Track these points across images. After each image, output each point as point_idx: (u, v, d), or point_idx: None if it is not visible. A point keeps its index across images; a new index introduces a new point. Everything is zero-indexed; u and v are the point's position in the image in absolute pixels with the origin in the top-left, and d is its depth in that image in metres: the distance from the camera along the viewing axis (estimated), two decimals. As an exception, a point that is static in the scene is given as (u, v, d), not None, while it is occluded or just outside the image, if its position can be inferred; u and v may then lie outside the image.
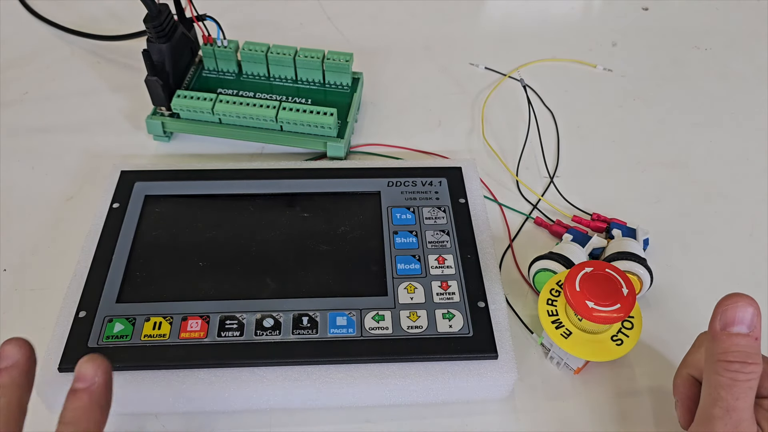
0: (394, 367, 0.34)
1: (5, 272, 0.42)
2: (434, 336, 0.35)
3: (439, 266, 0.39)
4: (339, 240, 0.40)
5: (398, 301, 0.37)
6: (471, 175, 0.44)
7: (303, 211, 0.42)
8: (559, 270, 0.38)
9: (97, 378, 0.26)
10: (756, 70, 0.58)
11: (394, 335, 0.35)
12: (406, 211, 0.41)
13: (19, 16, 0.61)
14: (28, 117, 0.52)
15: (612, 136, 0.52)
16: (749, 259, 0.44)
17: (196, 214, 0.42)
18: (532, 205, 0.46)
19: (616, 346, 0.35)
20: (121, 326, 0.35)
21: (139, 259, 0.39)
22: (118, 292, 0.37)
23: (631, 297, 0.33)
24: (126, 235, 0.40)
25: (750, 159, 0.50)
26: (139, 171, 0.44)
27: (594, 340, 0.35)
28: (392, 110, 0.53)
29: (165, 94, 0.46)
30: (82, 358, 0.27)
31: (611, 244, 0.41)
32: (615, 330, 0.35)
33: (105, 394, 0.26)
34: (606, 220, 0.44)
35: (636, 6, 0.65)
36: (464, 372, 0.34)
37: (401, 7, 0.64)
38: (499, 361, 0.35)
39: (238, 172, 0.44)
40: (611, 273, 0.34)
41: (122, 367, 0.34)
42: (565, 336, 0.35)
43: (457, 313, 0.36)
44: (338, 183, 0.43)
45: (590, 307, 0.33)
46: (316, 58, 0.49)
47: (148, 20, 0.44)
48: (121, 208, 0.41)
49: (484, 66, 0.57)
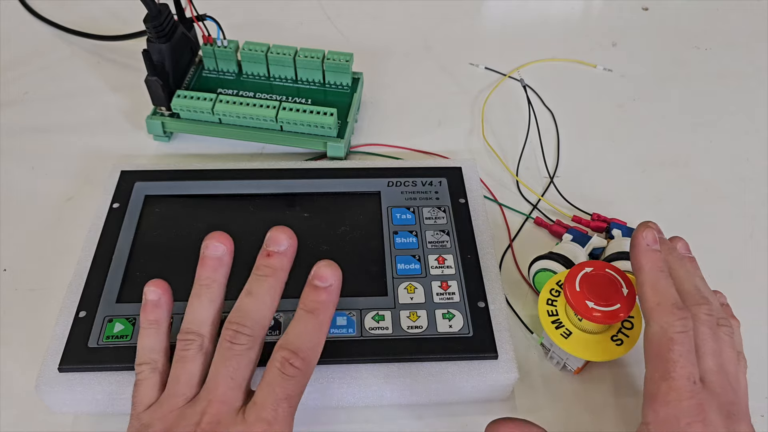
0: (394, 367, 0.34)
1: (5, 272, 0.42)
2: (434, 336, 0.35)
3: (439, 266, 0.38)
4: (339, 240, 0.40)
5: (398, 301, 0.37)
6: (471, 176, 0.44)
7: (303, 211, 0.42)
8: (559, 270, 0.38)
9: (333, 281, 0.32)
10: (756, 70, 0.58)
11: (394, 335, 0.35)
12: (406, 211, 0.41)
13: (19, 16, 0.61)
14: (28, 117, 0.52)
15: (612, 136, 0.52)
16: (749, 259, 0.44)
17: (196, 214, 0.42)
18: (532, 205, 0.46)
19: (616, 346, 0.35)
20: (121, 326, 0.35)
21: (139, 259, 0.39)
22: (118, 292, 0.37)
23: (631, 297, 0.33)
24: (126, 235, 0.40)
25: (750, 159, 0.50)
26: (139, 171, 0.44)
27: (594, 340, 0.35)
28: (392, 110, 0.53)
29: (165, 94, 0.46)
30: (321, 262, 0.33)
31: (611, 244, 0.41)
32: (615, 330, 0.35)
33: (337, 296, 0.32)
34: (606, 220, 0.44)
35: (636, 6, 0.65)
36: (464, 372, 0.34)
37: (401, 7, 0.64)
38: (499, 361, 0.35)
39: (238, 172, 0.44)
40: (611, 273, 0.34)
41: (122, 368, 0.34)
42: (565, 336, 0.35)
43: (457, 313, 0.36)
44: (338, 183, 0.43)
45: (590, 307, 0.33)
46: (316, 58, 0.49)
47: (148, 20, 0.44)
48: (121, 208, 0.41)
49: (484, 66, 0.57)
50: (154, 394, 0.31)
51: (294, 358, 0.30)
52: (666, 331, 0.30)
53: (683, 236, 0.38)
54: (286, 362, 0.30)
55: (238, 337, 0.31)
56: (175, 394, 0.30)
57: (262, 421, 0.29)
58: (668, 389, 0.29)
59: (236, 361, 0.30)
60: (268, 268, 0.33)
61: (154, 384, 0.31)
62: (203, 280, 0.33)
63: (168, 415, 0.30)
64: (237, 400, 0.30)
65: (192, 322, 0.32)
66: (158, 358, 0.32)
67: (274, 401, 0.29)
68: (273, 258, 0.33)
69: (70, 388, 0.34)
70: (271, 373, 0.30)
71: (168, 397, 0.30)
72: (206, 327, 0.32)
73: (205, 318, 0.32)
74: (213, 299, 0.33)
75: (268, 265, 0.33)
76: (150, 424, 0.30)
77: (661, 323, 0.31)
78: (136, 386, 0.31)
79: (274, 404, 0.29)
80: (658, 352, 0.30)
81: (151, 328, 0.33)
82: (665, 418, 0.29)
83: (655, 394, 0.30)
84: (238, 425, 0.29)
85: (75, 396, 0.34)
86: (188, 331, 0.32)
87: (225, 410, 0.29)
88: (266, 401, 0.29)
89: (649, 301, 0.32)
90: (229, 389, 0.30)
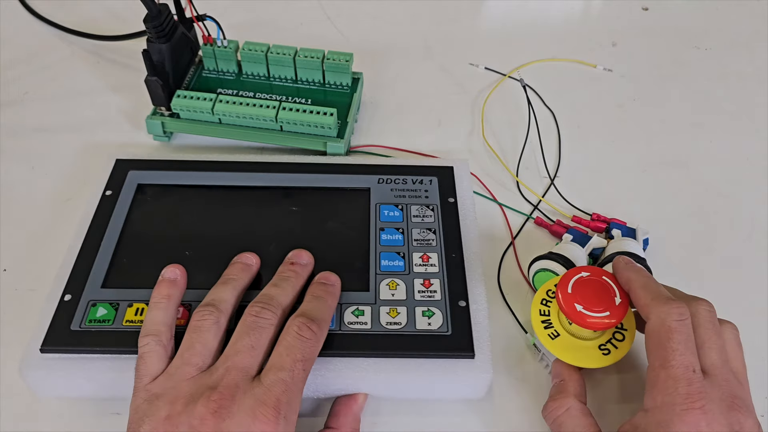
0: (370, 361, 0.35)
1: (5, 272, 0.42)
2: (412, 333, 0.35)
3: (423, 264, 0.39)
4: (326, 234, 0.40)
5: (379, 297, 0.37)
6: (463, 175, 0.44)
7: (292, 205, 0.42)
8: (559, 270, 0.38)
9: (335, 282, 0.36)
10: (756, 70, 0.58)
11: (372, 330, 0.35)
12: (394, 209, 0.41)
13: (19, 16, 0.61)
14: (28, 117, 0.52)
15: (612, 136, 0.52)
16: (749, 259, 0.44)
17: (187, 204, 0.42)
18: (533, 206, 0.46)
19: (602, 355, 0.34)
20: (104, 311, 0.36)
21: (127, 246, 0.39)
22: (104, 278, 0.37)
23: (624, 307, 0.33)
24: (116, 222, 0.40)
25: (750, 159, 0.50)
26: (134, 160, 0.44)
27: (581, 346, 0.35)
28: (392, 110, 0.53)
29: (165, 94, 0.46)
30: (325, 272, 0.37)
31: (611, 244, 0.41)
32: (604, 339, 0.35)
33: (338, 294, 0.36)
34: (606, 220, 0.44)
35: (636, 6, 0.65)
36: (440, 370, 0.34)
37: (401, 7, 0.64)
38: (475, 361, 0.35)
39: (230, 164, 0.44)
40: (606, 281, 0.34)
41: (102, 351, 0.34)
42: (552, 337, 0.35)
43: (437, 311, 0.36)
44: (330, 179, 0.43)
45: (578, 311, 0.33)
46: (316, 58, 0.49)
47: (148, 20, 0.44)
48: (113, 196, 0.42)
49: (483, 66, 0.57)
50: (160, 365, 0.31)
51: (310, 323, 0.32)
52: (664, 321, 0.31)
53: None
54: (304, 325, 0.32)
55: (263, 313, 0.32)
56: (188, 362, 0.31)
57: (280, 381, 0.30)
58: (666, 377, 0.30)
59: (258, 332, 0.32)
60: (291, 271, 0.36)
61: (160, 356, 0.32)
62: (230, 275, 0.36)
63: (181, 383, 0.30)
64: (253, 369, 0.31)
65: (213, 299, 0.34)
66: (164, 331, 0.33)
67: (292, 362, 0.30)
68: (295, 266, 0.36)
69: (51, 371, 0.34)
70: (287, 338, 0.31)
71: (179, 366, 0.31)
72: (224, 305, 0.33)
73: (226, 299, 0.34)
74: (236, 287, 0.35)
75: (291, 269, 0.36)
76: (160, 393, 0.30)
77: (658, 314, 0.31)
78: (141, 358, 0.32)
79: (291, 365, 0.30)
80: (657, 342, 0.31)
81: (162, 303, 0.34)
82: (662, 405, 0.29)
83: (655, 381, 0.30)
84: (255, 388, 0.29)
85: (56, 379, 0.34)
86: (207, 304, 0.33)
87: (242, 376, 0.30)
88: (284, 363, 0.30)
89: (642, 299, 0.32)
90: (250, 357, 0.31)
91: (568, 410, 0.33)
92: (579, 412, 0.33)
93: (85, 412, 0.36)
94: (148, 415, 0.29)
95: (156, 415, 0.29)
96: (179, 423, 0.28)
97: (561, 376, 0.35)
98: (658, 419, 0.29)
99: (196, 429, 0.28)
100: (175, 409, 0.29)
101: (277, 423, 0.29)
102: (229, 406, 0.29)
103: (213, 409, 0.28)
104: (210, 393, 0.29)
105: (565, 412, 0.33)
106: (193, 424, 0.28)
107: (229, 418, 0.28)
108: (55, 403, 0.36)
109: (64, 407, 0.36)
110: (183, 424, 0.28)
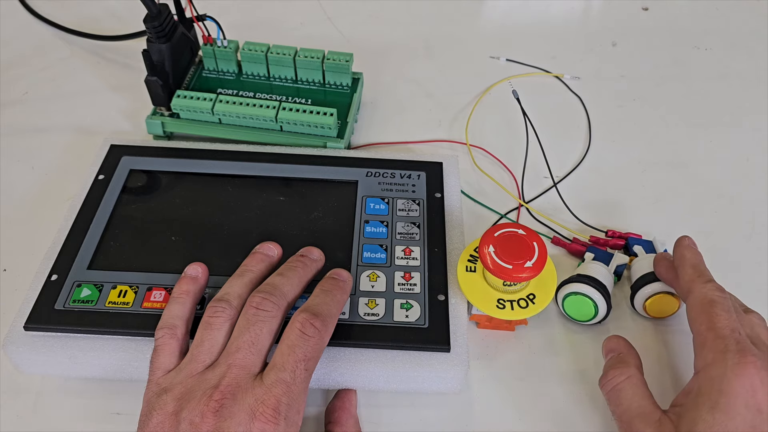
0: (346, 351, 0.35)
1: (5, 272, 0.42)
2: (389, 324, 0.35)
3: (405, 257, 0.39)
4: (311, 225, 0.41)
5: (359, 288, 0.37)
6: (451, 171, 0.44)
7: (280, 195, 0.42)
8: (590, 293, 0.37)
9: (347, 279, 0.35)
10: (756, 70, 0.58)
11: (349, 321, 0.35)
12: (380, 201, 0.42)
13: (19, 16, 0.61)
14: (28, 117, 0.52)
15: (612, 136, 0.52)
16: (749, 259, 0.44)
17: (176, 190, 0.43)
18: (549, 228, 0.46)
19: (497, 309, 0.36)
20: (88, 291, 0.36)
21: (115, 230, 0.40)
22: (91, 259, 0.38)
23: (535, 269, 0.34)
24: (106, 206, 0.41)
25: (750, 159, 0.50)
26: (128, 146, 0.45)
27: (487, 291, 0.36)
28: (392, 110, 0.53)
29: (165, 94, 0.46)
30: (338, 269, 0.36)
31: (638, 263, 0.40)
32: (515, 296, 0.36)
33: (349, 291, 0.35)
34: (622, 235, 0.43)
35: (636, 6, 0.65)
36: (415, 362, 0.34)
37: (401, 7, 0.64)
38: (451, 354, 0.35)
39: (222, 153, 0.45)
40: (532, 242, 0.35)
41: (84, 331, 0.35)
42: (467, 270, 0.37)
43: (415, 304, 0.36)
44: (319, 170, 0.44)
45: (487, 252, 0.35)
46: (316, 58, 0.49)
47: (148, 20, 0.44)
48: (105, 180, 0.42)
49: (505, 58, 0.57)
50: (173, 360, 0.32)
51: (314, 319, 0.31)
52: (706, 294, 0.33)
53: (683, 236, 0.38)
54: (307, 322, 0.31)
55: (264, 304, 0.32)
56: (196, 359, 0.31)
57: (281, 382, 0.30)
58: (715, 336, 0.31)
59: (259, 327, 0.31)
60: (299, 262, 0.36)
61: (173, 350, 0.32)
62: (248, 266, 0.35)
63: (187, 379, 0.31)
64: (256, 366, 0.31)
65: (227, 293, 0.34)
66: (179, 324, 0.33)
67: (294, 362, 0.30)
68: (305, 258, 0.36)
69: (34, 348, 0.35)
70: (290, 335, 0.31)
71: (188, 363, 0.31)
72: (238, 301, 0.33)
73: (241, 293, 0.34)
74: (252, 280, 0.35)
75: (299, 260, 0.36)
76: (169, 388, 0.30)
77: (701, 289, 0.33)
78: (155, 351, 0.32)
79: (293, 365, 0.30)
80: (701, 310, 0.32)
81: (180, 298, 0.34)
82: (714, 361, 0.30)
83: (703, 342, 0.31)
84: (256, 388, 0.29)
85: (39, 356, 0.35)
86: (221, 299, 0.33)
87: (243, 374, 0.30)
88: (285, 362, 0.30)
89: (689, 275, 0.35)
90: (250, 354, 0.31)
91: (629, 378, 0.33)
92: (639, 381, 0.33)
93: (85, 412, 0.36)
94: (156, 408, 0.30)
95: (164, 410, 0.30)
96: (182, 419, 0.29)
97: (619, 350, 0.36)
98: (711, 375, 0.30)
99: (197, 426, 0.28)
100: (180, 404, 0.30)
101: (277, 423, 0.29)
102: (230, 405, 0.29)
103: (214, 408, 0.29)
104: (212, 392, 0.29)
105: (626, 380, 0.33)
106: (195, 421, 0.29)
107: (229, 418, 0.28)
108: (55, 402, 0.36)
109: (65, 407, 0.36)
110: (185, 420, 0.29)
